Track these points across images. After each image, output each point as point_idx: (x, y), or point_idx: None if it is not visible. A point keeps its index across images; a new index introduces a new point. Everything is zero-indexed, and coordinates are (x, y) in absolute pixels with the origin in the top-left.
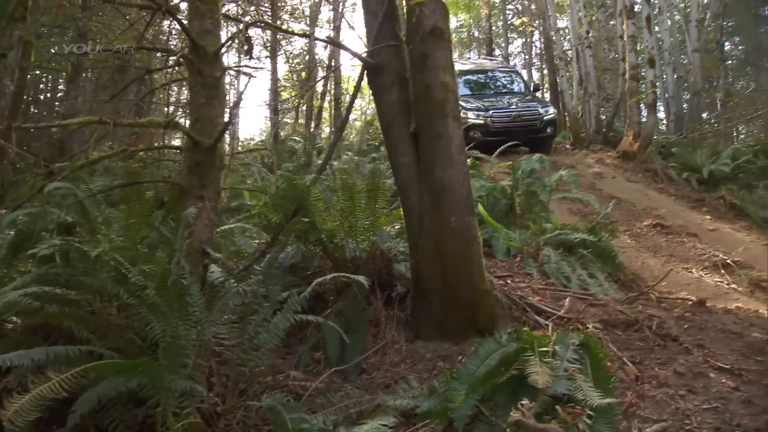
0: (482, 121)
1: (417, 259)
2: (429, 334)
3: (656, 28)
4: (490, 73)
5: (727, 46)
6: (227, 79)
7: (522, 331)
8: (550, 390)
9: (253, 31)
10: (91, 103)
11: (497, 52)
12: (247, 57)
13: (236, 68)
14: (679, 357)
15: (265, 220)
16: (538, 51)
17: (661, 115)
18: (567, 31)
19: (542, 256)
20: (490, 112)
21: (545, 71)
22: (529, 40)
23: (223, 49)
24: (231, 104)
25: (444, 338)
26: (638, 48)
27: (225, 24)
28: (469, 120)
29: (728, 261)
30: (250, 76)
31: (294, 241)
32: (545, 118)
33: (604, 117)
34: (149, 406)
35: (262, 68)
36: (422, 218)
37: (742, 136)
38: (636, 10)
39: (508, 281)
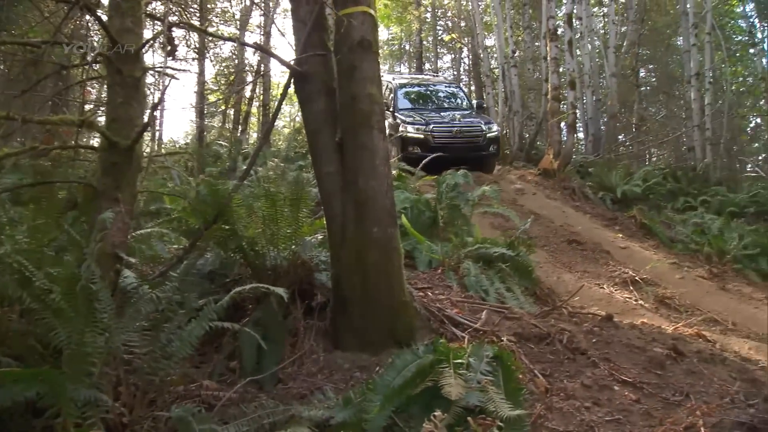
0: (422, 136)
1: (338, 269)
2: (348, 345)
3: (578, 52)
4: (431, 87)
5: (642, 74)
6: (151, 80)
7: (438, 343)
8: (463, 402)
9: (180, 32)
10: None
11: (427, 66)
12: (170, 58)
13: (158, 69)
14: (587, 370)
15: (185, 226)
16: (467, 67)
17: (581, 135)
18: (494, 49)
19: (462, 269)
20: (431, 126)
21: (473, 87)
22: (458, 56)
23: (146, 49)
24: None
25: (363, 349)
26: (561, 70)
27: (151, 23)
28: (408, 134)
29: (636, 278)
30: (172, 77)
31: (213, 247)
32: (488, 135)
33: (527, 135)
34: (49, 416)
35: (186, 70)
36: (345, 228)
37: (653, 159)
38: (559, 33)
39: (428, 293)
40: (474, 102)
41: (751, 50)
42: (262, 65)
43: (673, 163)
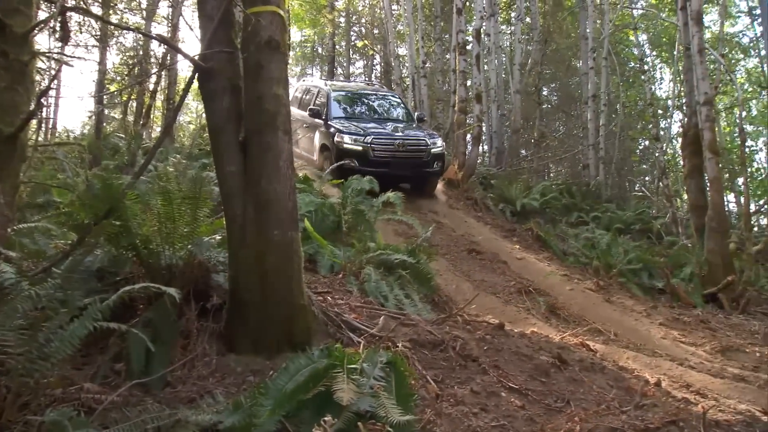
0: (360, 148)
1: (236, 270)
2: (242, 348)
3: (485, 67)
4: (369, 96)
5: (544, 92)
6: (44, 66)
7: (333, 348)
8: (355, 407)
9: (79, 17)
10: None
11: (339, 70)
12: (63, 43)
13: (49, 54)
14: (477, 377)
15: (73, 220)
16: (378, 74)
17: (486, 148)
18: (406, 58)
19: (364, 274)
20: (370, 137)
21: None
22: (370, 62)
23: (36, 32)
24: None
25: (257, 352)
26: (468, 83)
27: (48, 6)
28: (344, 145)
29: (530, 288)
30: (66, 63)
31: (104, 244)
32: (433, 150)
33: None
34: None
35: (83, 58)
36: (245, 229)
37: (552, 174)
38: (468, 48)
39: (328, 297)
40: (416, 114)
41: (642, 77)
42: (168, 58)
43: (570, 180)
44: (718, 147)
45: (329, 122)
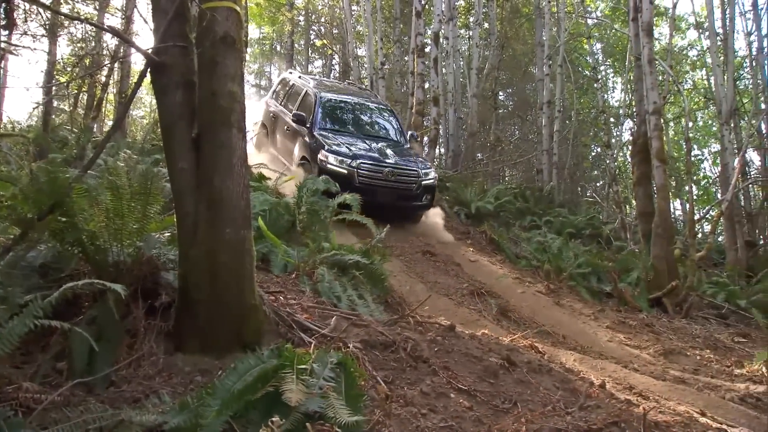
0: (345, 171)
1: (186, 268)
2: (191, 347)
3: (443, 71)
4: (361, 106)
5: (501, 96)
6: None
7: (284, 348)
8: (303, 407)
9: (26, 6)
10: None
11: (298, 68)
12: (9, 32)
13: None
14: (427, 378)
15: (16, 214)
16: (337, 74)
17: (442, 150)
18: (364, 59)
19: (317, 274)
20: (357, 161)
21: None
22: (329, 62)
23: None
24: None
25: (206, 352)
26: (426, 86)
27: None
28: (328, 165)
29: (483, 290)
30: (10, 53)
31: (48, 239)
32: (424, 182)
33: None
34: None
35: (28, 47)
36: (196, 227)
37: (507, 178)
38: (427, 50)
39: (280, 297)
40: (408, 133)
41: (595, 85)
42: (121, 50)
43: (524, 184)
44: (665, 155)
45: (314, 133)
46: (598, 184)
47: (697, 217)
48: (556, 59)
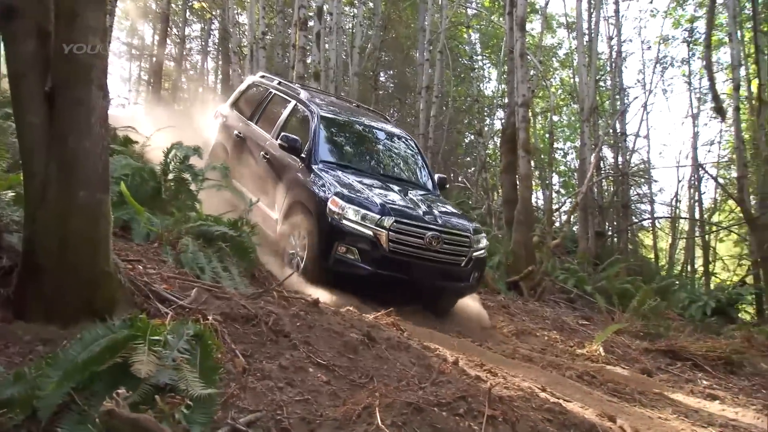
0: (370, 232)
1: (32, 231)
2: (34, 315)
3: (326, 46)
4: (371, 133)
5: (382, 78)
6: None
7: (137, 318)
8: (153, 379)
9: None
10: None
11: (174, 31)
12: None
13: None
14: (287, 352)
15: None
16: (216, 41)
17: None
18: (245, 27)
19: (181, 244)
20: (390, 219)
21: (221, 62)
22: (208, 27)
23: None
24: None
25: (51, 320)
26: (308, 61)
27: None
28: (344, 221)
29: None
30: None
31: None
32: (475, 254)
33: None
34: None
35: None
36: (46, 188)
37: None
38: (310, 24)
39: (138, 266)
40: (437, 176)
41: (472, 74)
42: None
43: None
44: (531, 146)
45: (313, 167)
46: (469, 171)
47: (555, 207)
48: (436, 45)
